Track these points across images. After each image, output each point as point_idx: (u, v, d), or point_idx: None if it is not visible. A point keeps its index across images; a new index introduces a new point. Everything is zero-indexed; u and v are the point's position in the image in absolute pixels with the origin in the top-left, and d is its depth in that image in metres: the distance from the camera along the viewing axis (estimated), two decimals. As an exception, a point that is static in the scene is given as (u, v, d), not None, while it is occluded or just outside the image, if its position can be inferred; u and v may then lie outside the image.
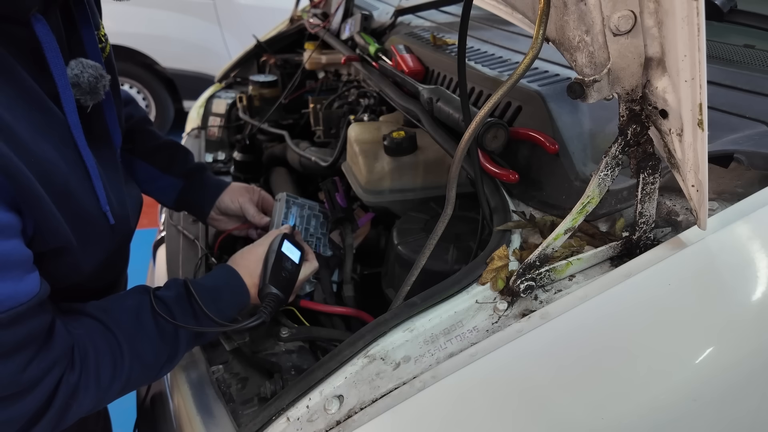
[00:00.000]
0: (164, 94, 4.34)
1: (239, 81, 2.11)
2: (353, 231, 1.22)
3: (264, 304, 0.89)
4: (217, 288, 0.88)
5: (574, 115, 0.90)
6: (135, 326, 0.77)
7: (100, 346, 0.72)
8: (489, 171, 0.91)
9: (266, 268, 0.94)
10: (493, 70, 1.11)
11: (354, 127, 1.26)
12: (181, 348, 0.82)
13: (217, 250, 1.25)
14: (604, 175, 0.67)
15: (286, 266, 0.97)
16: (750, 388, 0.69)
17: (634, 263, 0.71)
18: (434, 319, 0.72)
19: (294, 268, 0.99)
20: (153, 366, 0.79)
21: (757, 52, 1.07)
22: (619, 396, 0.65)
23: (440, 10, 1.63)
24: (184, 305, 0.83)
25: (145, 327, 0.78)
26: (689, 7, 0.52)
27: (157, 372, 0.81)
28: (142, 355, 0.76)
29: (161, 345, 0.79)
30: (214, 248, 1.26)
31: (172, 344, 0.80)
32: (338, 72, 1.80)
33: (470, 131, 0.66)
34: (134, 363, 0.75)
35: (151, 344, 0.78)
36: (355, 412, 0.66)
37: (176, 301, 0.82)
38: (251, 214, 1.20)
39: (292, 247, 1.01)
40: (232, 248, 1.23)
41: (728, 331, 0.68)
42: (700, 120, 0.59)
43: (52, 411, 0.67)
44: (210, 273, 0.94)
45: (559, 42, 0.61)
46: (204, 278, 0.90)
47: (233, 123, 1.87)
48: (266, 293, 0.91)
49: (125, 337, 0.75)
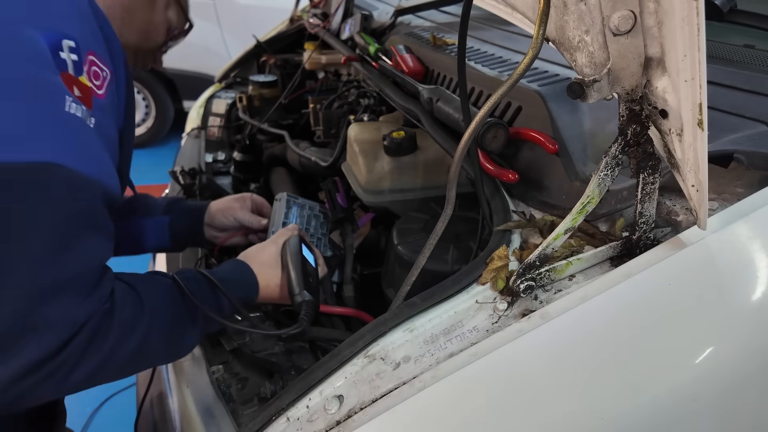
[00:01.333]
0: (164, 94, 4.33)
1: (239, 81, 2.11)
2: (353, 231, 1.22)
3: (303, 312, 0.85)
4: (229, 280, 0.85)
5: (574, 115, 0.90)
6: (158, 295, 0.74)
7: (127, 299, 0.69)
8: (489, 171, 0.91)
9: (295, 272, 0.90)
10: (493, 70, 1.11)
11: (354, 127, 1.26)
12: (198, 325, 0.79)
13: (217, 252, 1.25)
14: (604, 175, 0.67)
15: (310, 270, 0.94)
16: (750, 387, 0.69)
17: (634, 263, 0.71)
18: (434, 319, 0.72)
19: (315, 272, 0.96)
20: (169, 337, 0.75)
21: (757, 52, 1.07)
22: (619, 396, 0.65)
23: (440, 10, 1.63)
24: (207, 292, 0.80)
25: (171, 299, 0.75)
26: (689, 7, 0.52)
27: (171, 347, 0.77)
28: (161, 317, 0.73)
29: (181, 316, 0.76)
30: (214, 251, 1.25)
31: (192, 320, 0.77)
32: (338, 72, 1.80)
33: (470, 131, 0.66)
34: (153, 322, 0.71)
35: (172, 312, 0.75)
36: (355, 412, 0.66)
37: (197, 285, 0.80)
38: (248, 221, 1.18)
39: (307, 250, 0.99)
40: (233, 251, 1.23)
41: (728, 331, 0.68)
42: (700, 120, 0.59)
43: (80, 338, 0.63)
44: (222, 266, 0.91)
45: (559, 42, 0.61)
46: (215, 270, 0.88)
47: (233, 123, 1.87)
48: (302, 300, 0.87)
49: (147, 298, 0.72)
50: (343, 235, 1.21)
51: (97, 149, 0.66)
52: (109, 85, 0.70)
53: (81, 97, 0.64)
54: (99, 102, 0.67)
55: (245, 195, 1.23)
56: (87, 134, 0.64)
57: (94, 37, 0.70)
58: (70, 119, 0.62)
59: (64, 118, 0.61)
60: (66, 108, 0.62)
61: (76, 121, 0.63)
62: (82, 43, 0.66)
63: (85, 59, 0.66)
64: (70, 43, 0.64)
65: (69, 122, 0.62)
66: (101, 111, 0.67)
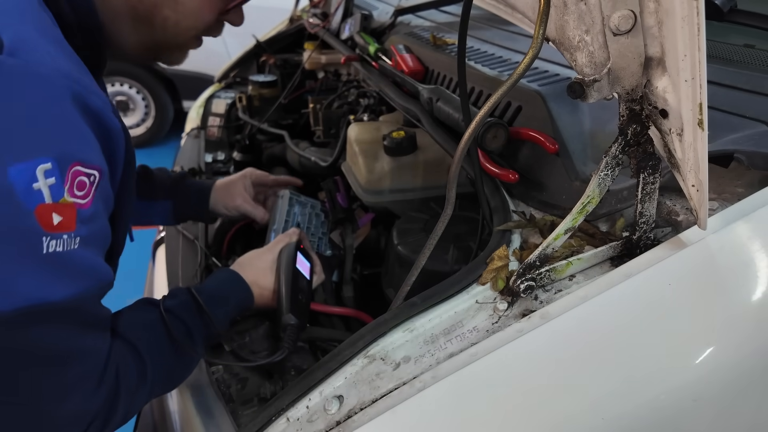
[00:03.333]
0: (164, 94, 4.33)
1: (239, 81, 2.11)
2: (353, 231, 1.22)
3: (286, 336, 0.87)
4: (223, 295, 0.88)
5: (574, 115, 0.90)
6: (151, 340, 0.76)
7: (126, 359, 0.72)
8: (489, 171, 0.91)
9: (284, 292, 0.91)
10: (493, 70, 1.11)
11: (354, 127, 1.26)
12: (195, 359, 0.84)
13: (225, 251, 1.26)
14: (604, 175, 0.67)
15: (302, 286, 0.95)
16: (750, 388, 0.69)
17: (634, 263, 0.71)
18: (434, 319, 0.72)
19: (307, 286, 0.97)
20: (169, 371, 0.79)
21: (757, 52, 1.07)
22: (619, 396, 0.64)
23: (440, 10, 1.63)
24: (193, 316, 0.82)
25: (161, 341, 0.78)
26: (689, 7, 0.52)
27: (175, 379, 0.82)
28: (160, 366, 0.76)
29: (176, 357, 0.79)
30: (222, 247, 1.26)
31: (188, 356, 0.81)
32: (338, 72, 1.80)
33: (470, 131, 0.66)
34: (152, 371, 0.75)
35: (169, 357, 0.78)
36: (355, 412, 0.66)
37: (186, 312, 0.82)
38: (250, 212, 1.22)
39: (303, 259, 0.99)
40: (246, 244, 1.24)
41: (728, 331, 0.68)
42: (700, 120, 0.59)
43: None
44: (214, 277, 0.92)
45: (559, 42, 0.61)
46: (208, 283, 0.90)
47: (233, 123, 1.87)
48: (286, 324, 0.88)
49: (144, 347, 0.74)
50: (343, 235, 1.21)
51: (84, 261, 0.61)
52: (97, 187, 0.62)
53: (62, 221, 0.58)
54: (84, 214, 0.60)
55: (245, 179, 1.26)
56: (71, 259, 0.59)
57: (82, 140, 0.60)
58: (50, 259, 0.57)
59: (42, 262, 0.57)
60: (44, 251, 0.56)
61: (57, 256, 0.58)
62: (63, 158, 0.57)
63: (67, 175, 0.58)
64: (45, 166, 0.56)
65: (49, 262, 0.57)
66: (88, 221, 0.61)
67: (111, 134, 0.65)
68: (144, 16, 0.76)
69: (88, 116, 0.61)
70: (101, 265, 0.65)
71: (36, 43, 0.59)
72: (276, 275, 0.94)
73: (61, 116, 0.58)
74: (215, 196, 1.21)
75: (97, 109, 0.62)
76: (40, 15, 0.64)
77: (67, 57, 0.63)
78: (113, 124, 0.64)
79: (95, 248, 0.64)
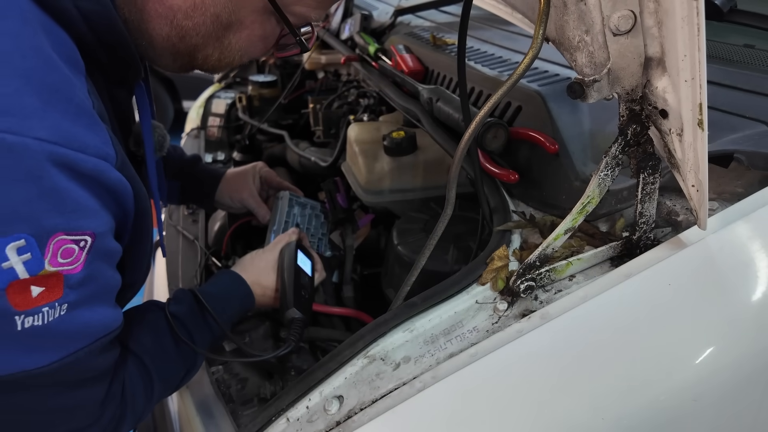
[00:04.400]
0: (163, 94, 4.33)
1: (239, 81, 2.11)
2: (353, 231, 1.22)
3: (291, 331, 0.87)
4: (226, 298, 0.88)
5: (574, 115, 0.90)
6: (158, 349, 0.77)
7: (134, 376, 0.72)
8: (489, 171, 0.91)
9: (287, 287, 0.91)
10: (493, 70, 1.11)
11: (354, 127, 1.26)
12: (198, 362, 0.84)
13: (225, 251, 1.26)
14: (604, 175, 0.67)
15: (304, 282, 0.95)
16: (750, 388, 0.69)
17: (634, 263, 0.71)
18: (434, 319, 0.72)
19: (309, 282, 0.97)
20: (175, 381, 0.80)
21: (757, 52, 1.07)
22: (619, 396, 0.64)
23: (440, 10, 1.63)
24: (198, 321, 0.83)
25: (167, 349, 0.78)
26: (689, 7, 0.52)
27: (179, 384, 0.82)
28: (166, 375, 0.77)
29: (181, 363, 0.79)
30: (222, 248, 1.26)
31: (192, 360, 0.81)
32: (338, 72, 1.79)
33: (470, 131, 0.66)
34: (159, 384, 0.75)
35: (175, 365, 0.78)
36: (355, 412, 0.66)
37: (191, 317, 0.82)
38: (255, 210, 1.23)
39: (304, 257, 1.00)
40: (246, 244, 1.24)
41: (728, 331, 0.68)
42: (700, 120, 0.58)
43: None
44: (216, 279, 0.93)
45: (559, 42, 0.61)
46: (211, 286, 0.90)
47: (233, 123, 1.87)
48: (291, 318, 0.88)
49: (151, 359, 0.75)
50: (343, 236, 1.21)
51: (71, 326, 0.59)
52: (91, 250, 0.58)
53: (43, 291, 0.55)
54: (74, 279, 0.57)
55: (254, 173, 1.27)
56: (54, 329, 0.57)
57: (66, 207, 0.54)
58: (25, 333, 0.55)
59: (17, 338, 0.55)
60: (18, 328, 0.54)
61: (34, 330, 0.55)
62: (40, 233, 0.53)
63: (47, 247, 0.53)
64: (17, 244, 0.51)
65: (25, 336, 0.55)
66: (79, 285, 0.58)
67: (114, 190, 0.59)
68: (185, 53, 0.72)
69: (81, 179, 0.55)
70: (99, 320, 0.62)
71: (10, 104, 0.51)
72: (278, 272, 0.94)
73: (37, 187, 0.52)
74: (223, 186, 1.22)
75: (91, 169, 0.55)
76: (33, 52, 0.54)
77: (62, 107, 0.54)
78: (114, 180, 0.58)
79: (93, 304, 0.61)
